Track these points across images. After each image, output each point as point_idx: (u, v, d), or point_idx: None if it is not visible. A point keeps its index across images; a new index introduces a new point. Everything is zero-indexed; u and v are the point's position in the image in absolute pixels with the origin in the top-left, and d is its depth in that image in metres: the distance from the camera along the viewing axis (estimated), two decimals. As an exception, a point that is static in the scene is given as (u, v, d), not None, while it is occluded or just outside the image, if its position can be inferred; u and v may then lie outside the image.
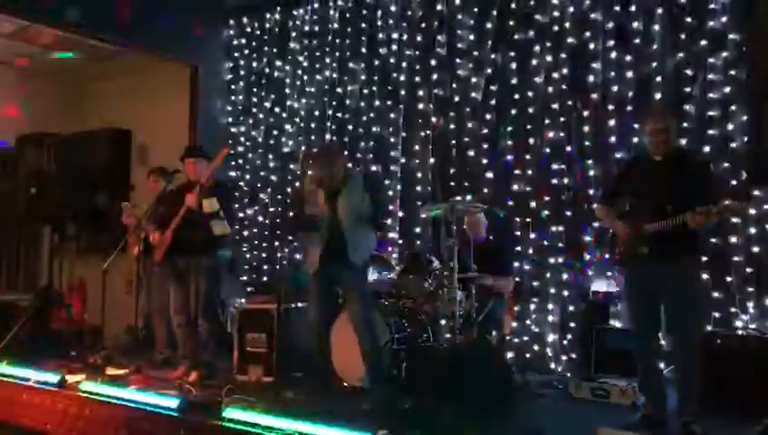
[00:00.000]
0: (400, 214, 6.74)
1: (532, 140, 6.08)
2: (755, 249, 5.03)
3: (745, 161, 5.13)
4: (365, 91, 7.11)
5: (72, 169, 8.22)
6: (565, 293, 5.83)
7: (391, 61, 6.95)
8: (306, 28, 7.61)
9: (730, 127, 5.20)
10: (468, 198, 6.16)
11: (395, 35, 6.95)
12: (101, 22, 6.99)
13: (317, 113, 7.44)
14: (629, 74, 5.64)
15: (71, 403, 4.61)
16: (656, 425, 3.99)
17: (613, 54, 5.73)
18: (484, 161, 6.30)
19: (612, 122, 5.69)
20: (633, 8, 5.64)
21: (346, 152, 6.98)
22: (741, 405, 4.27)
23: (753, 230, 5.03)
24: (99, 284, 5.67)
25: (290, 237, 7.37)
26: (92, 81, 8.85)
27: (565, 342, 5.80)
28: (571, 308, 5.79)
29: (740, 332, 4.88)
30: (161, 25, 7.26)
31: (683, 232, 3.86)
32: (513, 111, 6.18)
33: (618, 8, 5.72)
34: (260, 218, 7.79)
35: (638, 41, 5.61)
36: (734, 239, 5.10)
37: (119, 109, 8.44)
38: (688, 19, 5.40)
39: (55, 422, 4.64)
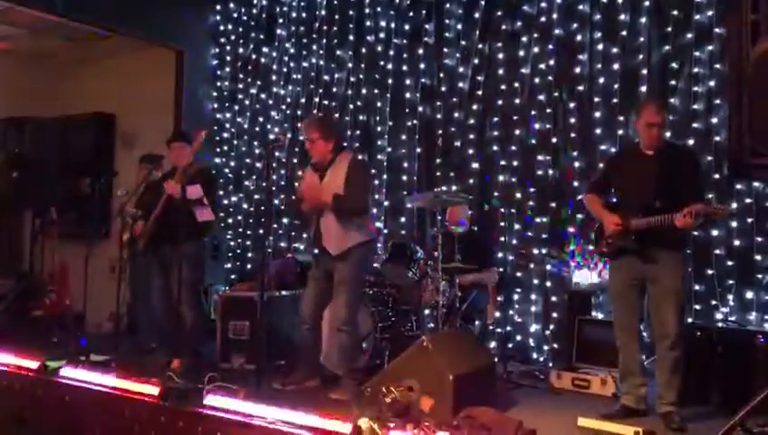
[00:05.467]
0: (386, 203, 6.74)
1: (518, 131, 6.09)
2: (736, 242, 5.07)
3: (728, 155, 5.16)
4: (352, 78, 7.08)
5: (55, 153, 8.14)
6: (548, 284, 5.86)
7: (378, 49, 6.93)
8: (293, 14, 7.56)
9: (714, 120, 5.23)
10: (454, 188, 6.19)
11: (382, 23, 6.92)
12: (85, 5, 6.91)
13: (303, 100, 7.41)
14: (616, 66, 5.65)
15: (51, 389, 4.58)
16: (635, 415, 4.03)
17: (600, 46, 5.74)
18: (470, 151, 6.30)
19: (598, 114, 5.70)
20: (620, 0, 5.64)
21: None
22: (720, 396, 4.33)
23: (734, 224, 5.07)
24: (81, 269, 5.63)
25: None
26: (76, 64, 8.74)
27: (547, 332, 5.83)
28: (553, 299, 5.83)
29: (720, 324, 4.93)
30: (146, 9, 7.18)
31: (668, 228, 3.88)
32: (500, 102, 6.18)
33: (605, 0, 5.72)
34: (244, 206, 7.76)
35: (624, 33, 5.62)
36: (715, 232, 5.14)
37: (103, 93, 8.36)
38: (675, 12, 5.41)
39: (35, 409, 4.61)
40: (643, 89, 5.49)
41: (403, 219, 6.62)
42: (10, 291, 6.90)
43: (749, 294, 5.01)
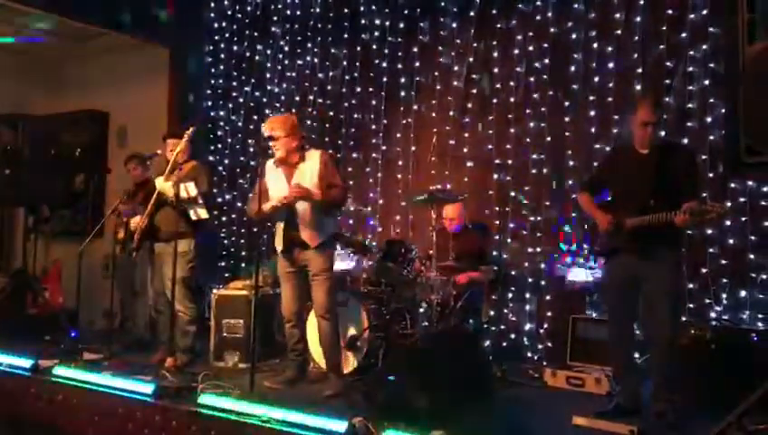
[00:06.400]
0: (381, 201, 6.73)
1: (512, 130, 6.09)
2: (730, 241, 5.08)
3: (723, 154, 5.17)
4: (346, 77, 7.06)
5: (48, 150, 8.11)
6: (542, 282, 5.86)
7: (373, 47, 6.91)
8: (288, 12, 7.54)
9: (708, 119, 5.23)
10: (449, 186, 6.18)
11: (377, 21, 6.90)
12: (80, 2, 6.89)
13: (298, 99, 7.38)
14: (611, 65, 5.65)
15: (43, 388, 4.56)
16: (629, 413, 4.02)
17: (595, 45, 5.74)
18: (465, 150, 6.30)
19: (593, 113, 5.70)
20: (615, -1, 5.65)
21: (327, 139, 6.98)
22: (714, 395, 4.32)
23: (728, 222, 5.08)
24: (74, 267, 5.61)
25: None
26: (70, 62, 8.71)
27: (541, 331, 5.83)
28: (547, 298, 5.83)
29: (714, 322, 4.94)
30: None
31: (664, 226, 3.88)
32: (495, 100, 6.18)
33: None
34: (238, 204, 7.73)
35: (619, 32, 5.62)
36: (709, 231, 5.15)
37: (96, 91, 8.32)
38: (669, 11, 5.42)
39: (27, 408, 4.59)
40: (638, 87, 5.49)
41: (398, 217, 6.61)
42: (3, 288, 6.86)
43: (742, 293, 5.02)
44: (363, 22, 7.00)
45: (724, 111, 5.18)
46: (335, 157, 6.08)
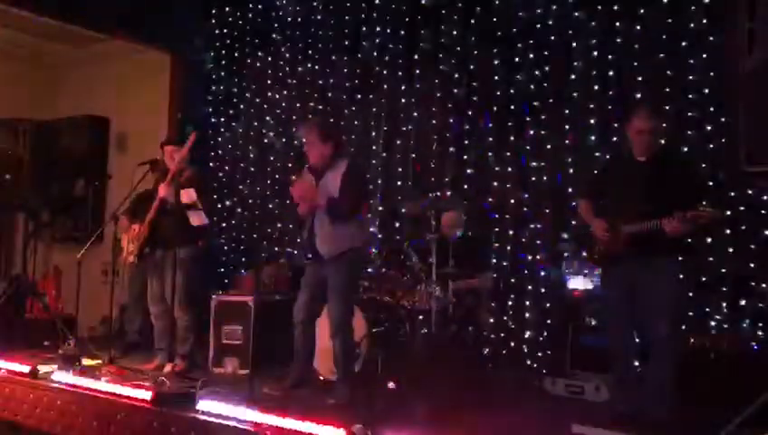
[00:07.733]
0: (380, 208, 6.73)
1: (512, 138, 6.09)
2: (730, 250, 5.08)
3: (722, 162, 5.17)
4: (347, 84, 7.07)
5: (48, 155, 8.11)
6: (542, 290, 5.86)
7: (374, 54, 6.92)
8: (289, 19, 7.54)
9: (708, 128, 5.24)
10: (448, 193, 6.19)
11: (378, 28, 6.91)
12: (82, 7, 6.91)
13: (298, 105, 7.38)
14: (611, 73, 5.66)
15: (42, 394, 4.55)
16: (629, 422, 4.02)
17: (595, 53, 5.75)
18: (465, 157, 6.31)
19: (593, 121, 5.71)
20: (616, 7, 5.66)
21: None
22: (713, 404, 4.32)
23: (728, 231, 5.08)
24: (74, 272, 5.61)
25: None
26: (71, 67, 8.73)
27: (541, 338, 5.82)
28: (547, 305, 5.82)
29: (713, 331, 4.94)
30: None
31: (662, 234, 3.88)
32: (495, 108, 6.19)
33: (600, 7, 5.74)
34: (238, 210, 7.73)
35: (619, 40, 5.63)
36: (708, 239, 5.15)
37: (98, 96, 8.33)
38: (669, 20, 5.43)
39: (26, 413, 4.58)
40: (638, 96, 5.50)
41: (398, 225, 6.61)
42: (2, 293, 6.85)
43: (742, 302, 5.01)
44: (364, 29, 7.00)
45: (723, 119, 5.19)
46: (361, 168, 5.92)
